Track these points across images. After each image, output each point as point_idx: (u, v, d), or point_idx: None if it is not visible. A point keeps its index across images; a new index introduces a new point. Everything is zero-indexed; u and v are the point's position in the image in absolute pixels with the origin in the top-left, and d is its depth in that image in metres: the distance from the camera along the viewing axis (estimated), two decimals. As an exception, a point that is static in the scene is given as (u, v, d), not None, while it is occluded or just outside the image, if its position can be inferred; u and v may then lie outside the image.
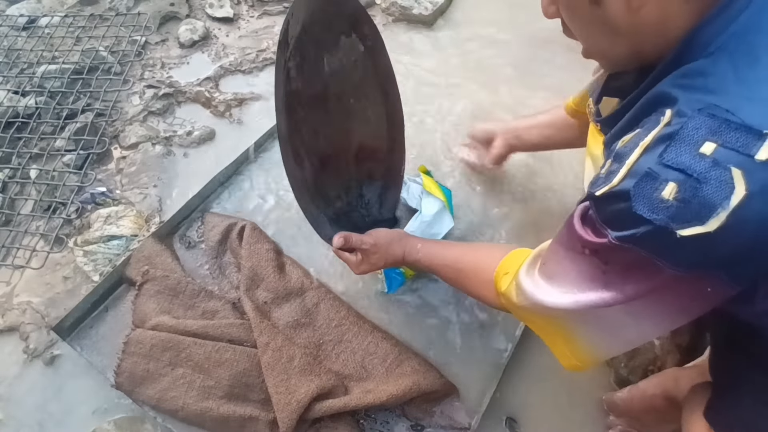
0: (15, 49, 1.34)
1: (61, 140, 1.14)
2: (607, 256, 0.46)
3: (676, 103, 0.42)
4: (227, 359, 0.81)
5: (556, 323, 0.55)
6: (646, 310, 0.46)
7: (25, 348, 0.87)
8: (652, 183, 0.40)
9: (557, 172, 1.12)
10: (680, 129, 0.40)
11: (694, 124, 0.40)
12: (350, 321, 0.88)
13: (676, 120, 0.41)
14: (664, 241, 0.40)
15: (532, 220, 1.04)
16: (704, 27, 0.43)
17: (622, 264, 0.45)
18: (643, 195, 0.40)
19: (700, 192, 0.38)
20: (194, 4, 1.51)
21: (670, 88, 0.44)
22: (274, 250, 0.96)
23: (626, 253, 0.43)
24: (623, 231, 0.42)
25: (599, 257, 0.47)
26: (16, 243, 1.01)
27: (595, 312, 0.49)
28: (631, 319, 0.48)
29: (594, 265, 0.48)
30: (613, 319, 0.49)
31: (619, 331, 0.51)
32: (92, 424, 0.80)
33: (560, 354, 0.57)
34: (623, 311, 0.47)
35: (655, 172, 0.40)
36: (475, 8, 1.52)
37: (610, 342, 0.53)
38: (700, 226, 0.38)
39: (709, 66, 0.42)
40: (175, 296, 0.89)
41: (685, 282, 0.42)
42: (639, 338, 0.53)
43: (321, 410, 0.77)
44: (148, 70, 1.33)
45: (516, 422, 0.83)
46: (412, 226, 0.88)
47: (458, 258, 0.73)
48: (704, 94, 0.41)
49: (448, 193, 0.96)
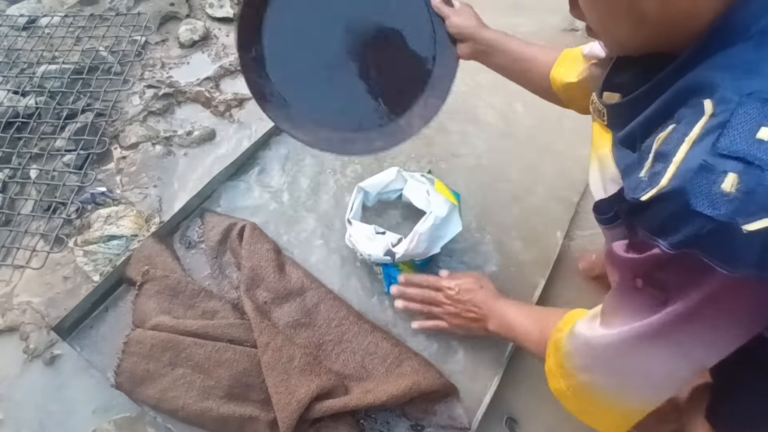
0: (15, 49, 1.34)
1: (61, 140, 1.14)
2: (662, 274, 0.42)
3: (717, 90, 0.40)
4: (227, 359, 0.81)
5: (602, 390, 0.53)
6: (700, 332, 0.43)
7: (25, 348, 0.87)
8: (709, 176, 0.37)
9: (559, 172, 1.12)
10: (731, 116, 0.38)
11: (745, 109, 0.37)
12: (350, 321, 0.88)
13: (722, 107, 0.39)
14: (728, 239, 0.36)
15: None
16: (739, 11, 0.41)
17: (677, 278, 0.41)
18: (701, 190, 0.37)
19: (765, 180, 0.35)
20: (194, 4, 1.51)
21: (708, 75, 0.41)
22: (274, 250, 0.96)
23: (683, 261, 0.39)
24: (679, 236, 0.39)
25: (654, 284, 0.43)
26: (16, 243, 1.01)
27: (644, 349, 0.46)
28: (682, 351, 0.45)
29: (650, 296, 0.44)
30: (662, 358, 0.46)
31: (668, 372, 0.48)
32: (92, 424, 0.80)
33: (604, 426, 0.55)
34: (674, 342, 0.44)
35: (711, 163, 0.37)
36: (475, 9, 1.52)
37: (658, 390, 0.50)
38: (767, 218, 0.35)
39: (753, 50, 0.40)
40: (175, 296, 0.90)
41: (745, 290, 0.38)
42: (689, 374, 0.48)
43: (321, 410, 0.77)
44: (148, 70, 1.33)
45: (516, 422, 0.83)
46: (422, 227, 0.87)
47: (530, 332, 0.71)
48: (752, 78, 0.39)
49: (458, 196, 0.96)
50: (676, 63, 0.45)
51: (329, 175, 1.11)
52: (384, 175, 0.99)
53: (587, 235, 1.03)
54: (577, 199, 1.07)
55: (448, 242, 0.91)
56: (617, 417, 0.54)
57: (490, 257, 0.99)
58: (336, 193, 1.08)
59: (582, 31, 1.41)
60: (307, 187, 1.08)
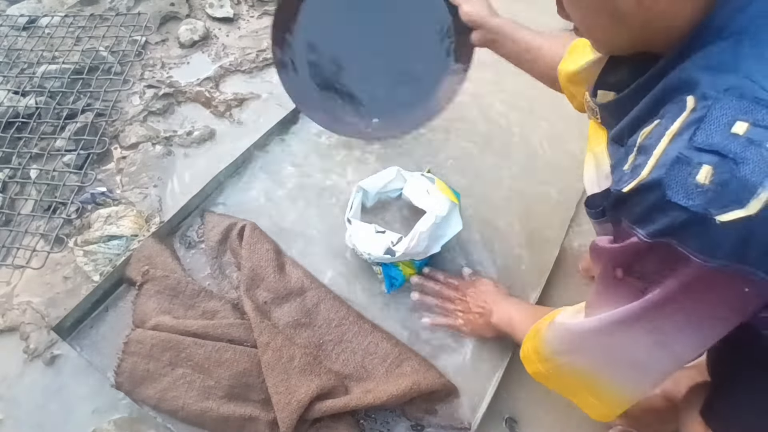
0: (15, 49, 1.34)
1: (61, 140, 1.14)
2: (640, 264, 0.44)
3: (698, 86, 0.41)
4: (227, 359, 0.81)
5: (580, 370, 0.54)
6: (677, 322, 0.44)
7: (25, 348, 0.87)
8: (685, 168, 0.38)
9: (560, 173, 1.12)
10: (708, 111, 0.39)
11: (721, 104, 0.39)
12: (350, 321, 0.88)
13: (701, 104, 0.40)
14: (701, 230, 0.38)
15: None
16: (717, 11, 0.42)
17: (655, 267, 0.43)
18: (677, 181, 0.38)
19: (737, 173, 0.36)
20: (194, 4, 1.51)
21: (690, 73, 0.43)
22: (274, 250, 0.96)
23: (660, 250, 0.41)
24: (656, 225, 0.40)
25: (633, 273, 0.45)
26: (16, 243, 1.01)
27: (621, 336, 0.47)
28: (660, 340, 0.46)
29: (630, 285, 0.45)
30: (640, 346, 0.47)
31: (647, 362, 0.49)
32: (92, 424, 0.80)
33: (588, 406, 0.56)
34: (651, 331, 0.45)
35: (687, 156, 0.38)
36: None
37: (637, 378, 0.51)
38: (740, 210, 0.36)
39: (731, 48, 0.41)
40: (175, 296, 0.90)
41: (721, 280, 0.39)
42: (669, 365, 0.50)
43: (321, 410, 0.77)
44: (148, 70, 1.33)
45: (516, 422, 0.83)
46: (423, 226, 0.87)
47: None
48: (729, 75, 0.40)
49: (458, 195, 0.96)
50: (662, 62, 0.47)
51: (329, 175, 1.11)
52: (384, 174, 0.99)
53: (586, 236, 1.03)
54: (576, 199, 1.07)
55: (448, 241, 0.91)
56: (602, 401, 0.55)
57: (489, 257, 0.98)
58: (336, 193, 1.08)
59: (582, 31, 1.41)
60: (307, 187, 1.08)
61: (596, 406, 0.55)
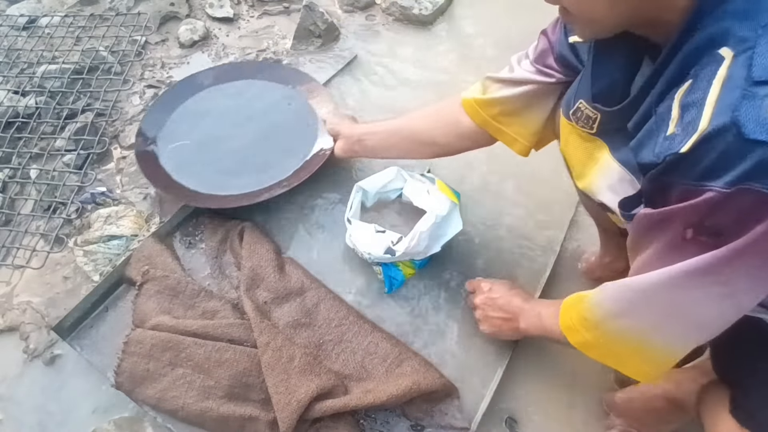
0: (15, 49, 1.34)
1: (61, 140, 1.14)
2: (716, 218, 0.41)
3: (729, 36, 0.40)
4: (227, 359, 0.81)
5: (635, 332, 0.52)
6: (753, 269, 0.41)
7: (25, 348, 0.87)
8: (754, 102, 0.37)
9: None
10: (755, 48, 0.38)
11: (766, 39, 0.38)
12: (350, 321, 0.88)
13: (742, 45, 0.39)
14: None
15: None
16: None
17: (735, 217, 0.40)
18: (750, 118, 0.37)
19: None
20: (194, 4, 1.51)
21: (713, 30, 0.42)
22: (274, 250, 0.96)
23: (740, 198, 0.39)
24: (734, 172, 0.38)
25: (706, 231, 0.42)
26: (16, 243, 1.01)
27: (690, 288, 0.45)
28: (729, 291, 0.44)
29: (700, 244, 0.43)
30: (708, 299, 0.45)
31: (710, 315, 0.47)
32: (92, 424, 0.80)
33: (636, 372, 0.55)
34: (724, 282, 0.43)
35: (751, 92, 0.37)
36: (474, 8, 1.52)
37: (694, 333, 0.49)
38: None
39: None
40: (175, 296, 0.89)
41: None
42: (730, 318, 0.47)
43: (321, 410, 0.77)
44: (148, 70, 1.33)
45: (516, 422, 0.83)
46: (423, 225, 0.87)
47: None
48: (760, 15, 0.40)
49: (458, 195, 0.96)
50: (674, 41, 0.45)
51: (329, 175, 1.11)
52: (383, 174, 0.99)
53: (587, 236, 1.03)
54: (576, 199, 1.07)
55: (448, 241, 0.91)
56: (653, 363, 0.53)
57: (489, 258, 0.99)
58: (336, 193, 1.08)
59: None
60: (307, 187, 1.08)
61: (645, 370, 0.54)
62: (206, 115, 1.16)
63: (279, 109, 1.17)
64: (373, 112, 1.24)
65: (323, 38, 1.39)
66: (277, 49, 1.39)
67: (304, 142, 1.10)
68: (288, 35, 1.42)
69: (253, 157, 1.08)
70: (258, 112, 1.16)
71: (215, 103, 1.18)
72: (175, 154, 1.08)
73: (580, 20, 0.51)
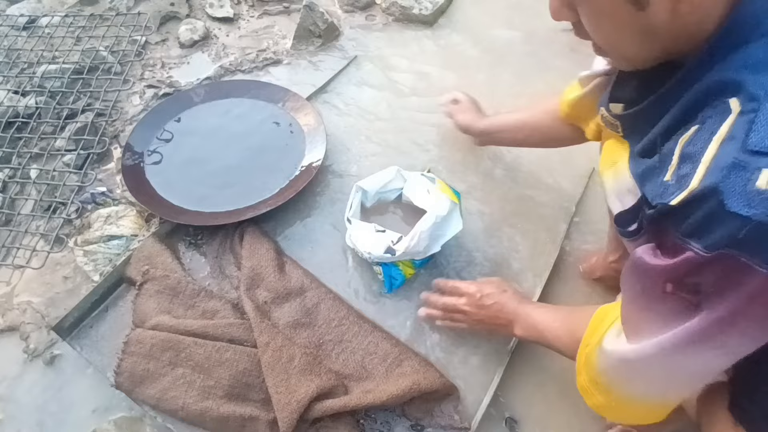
0: (15, 49, 1.34)
1: (61, 140, 1.14)
2: (696, 278, 0.41)
3: (742, 88, 0.39)
4: (227, 359, 0.81)
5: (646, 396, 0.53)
6: (745, 330, 0.41)
7: (25, 348, 0.87)
8: (743, 174, 0.36)
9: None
10: (759, 112, 0.37)
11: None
12: (350, 321, 0.88)
13: (749, 105, 0.38)
14: (766, 239, 0.36)
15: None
16: (745, 9, 0.41)
17: (714, 281, 0.40)
18: (735, 189, 0.36)
19: None
20: (194, 4, 1.51)
21: (729, 74, 0.41)
22: (274, 250, 0.96)
23: (720, 263, 0.38)
24: (714, 237, 0.38)
25: (686, 288, 0.42)
26: (16, 243, 1.01)
27: (686, 356, 0.45)
28: (725, 351, 0.44)
29: (680, 300, 0.43)
30: (706, 361, 0.45)
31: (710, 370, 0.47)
32: (92, 423, 0.80)
33: (652, 421, 0.56)
34: (718, 346, 0.43)
35: (743, 161, 0.36)
36: (475, 8, 1.52)
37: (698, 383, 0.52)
38: None
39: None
40: (175, 296, 0.89)
41: None
42: (727, 365, 0.47)
43: (321, 410, 0.77)
44: (148, 69, 1.33)
45: (516, 422, 0.83)
46: (424, 225, 0.86)
47: (559, 333, 0.71)
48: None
49: (458, 195, 0.96)
50: (688, 67, 0.45)
51: (329, 175, 1.11)
52: (383, 174, 0.99)
53: (586, 237, 1.03)
54: (576, 199, 1.07)
55: (448, 241, 0.91)
56: (656, 410, 0.55)
57: (489, 257, 0.99)
58: (336, 193, 1.08)
59: (582, 31, 1.41)
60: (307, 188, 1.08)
61: (649, 416, 0.55)
62: (194, 133, 1.16)
63: (266, 127, 1.17)
64: (374, 112, 1.24)
65: (323, 38, 1.39)
66: (277, 49, 1.39)
67: (290, 160, 1.11)
68: (288, 35, 1.42)
69: (239, 176, 1.09)
70: (245, 130, 1.17)
71: (203, 122, 1.18)
72: (162, 171, 1.09)
73: (613, 56, 0.53)
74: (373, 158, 1.14)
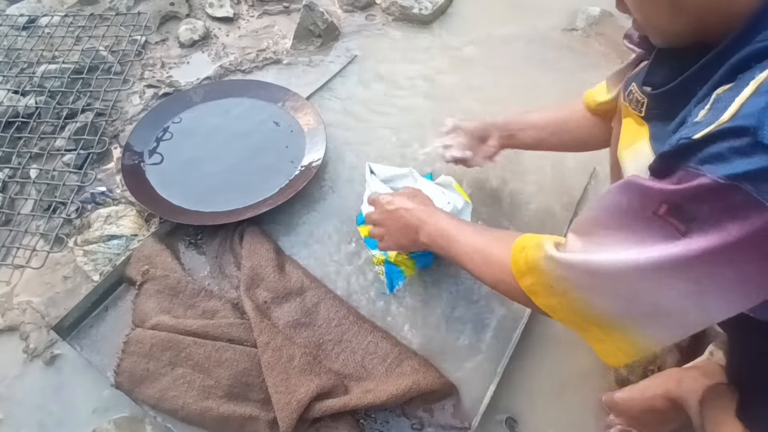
0: (15, 49, 1.34)
1: (61, 140, 1.14)
2: (697, 205, 0.41)
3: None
4: (227, 359, 0.81)
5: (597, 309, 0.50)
6: (724, 275, 0.41)
7: (25, 348, 0.87)
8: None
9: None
10: None
11: None
12: (350, 321, 0.88)
13: None
14: None
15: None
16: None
17: (717, 211, 0.40)
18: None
19: None
20: (194, 4, 1.51)
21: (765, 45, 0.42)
22: (274, 250, 0.96)
23: (730, 194, 0.38)
24: (735, 167, 0.38)
25: (679, 214, 0.42)
26: (16, 242, 1.01)
27: (657, 281, 0.44)
28: (697, 291, 0.43)
29: (667, 225, 0.42)
30: (673, 295, 0.44)
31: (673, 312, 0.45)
32: (92, 423, 0.80)
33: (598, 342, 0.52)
34: (693, 280, 0.42)
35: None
36: (475, 8, 1.52)
37: (657, 328, 0.47)
38: None
39: None
40: (175, 296, 0.89)
41: None
42: (694, 322, 0.46)
43: (321, 410, 0.77)
44: (148, 69, 1.33)
45: (516, 422, 0.83)
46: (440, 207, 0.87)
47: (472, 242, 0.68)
48: None
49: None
50: (722, 47, 0.46)
51: (329, 175, 1.11)
52: (396, 168, 1.00)
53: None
54: (577, 199, 1.07)
55: None
56: (614, 343, 0.51)
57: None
58: (336, 193, 1.08)
59: (581, 30, 1.41)
60: (307, 188, 1.08)
61: (607, 346, 0.51)
62: (194, 133, 1.16)
63: (266, 127, 1.17)
64: (374, 111, 1.24)
65: (323, 38, 1.39)
66: (277, 49, 1.39)
67: (290, 160, 1.11)
68: (288, 35, 1.42)
69: (239, 176, 1.09)
70: (245, 130, 1.17)
71: (203, 122, 1.18)
72: (162, 170, 1.09)
73: (649, 30, 0.54)
74: (374, 158, 1.14)
